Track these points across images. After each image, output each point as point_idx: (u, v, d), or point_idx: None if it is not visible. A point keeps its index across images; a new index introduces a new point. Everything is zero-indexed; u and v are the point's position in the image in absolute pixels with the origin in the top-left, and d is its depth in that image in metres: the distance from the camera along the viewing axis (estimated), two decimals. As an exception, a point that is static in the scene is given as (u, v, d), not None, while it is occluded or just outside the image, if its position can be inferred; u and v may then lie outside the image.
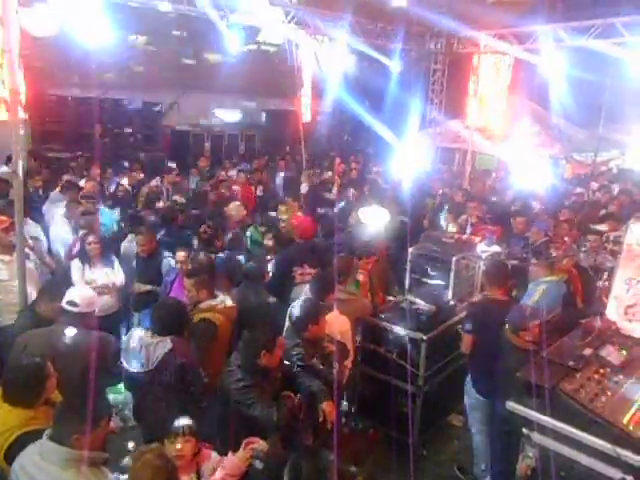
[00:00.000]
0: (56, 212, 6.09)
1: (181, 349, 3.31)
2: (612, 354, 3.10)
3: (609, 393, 2.80)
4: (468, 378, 4.15)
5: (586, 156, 12.94)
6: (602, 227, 6.02)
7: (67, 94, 11.44)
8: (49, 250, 5.60)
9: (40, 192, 7.49)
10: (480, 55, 10.85)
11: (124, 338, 3.49)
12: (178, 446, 2.61)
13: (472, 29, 10.99)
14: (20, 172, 4.38)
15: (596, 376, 2.92)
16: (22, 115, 4.34)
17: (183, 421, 2.69)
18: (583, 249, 5.43)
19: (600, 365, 3.02)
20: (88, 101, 12.11)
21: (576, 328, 3.37)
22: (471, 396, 4.12)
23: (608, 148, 12.81)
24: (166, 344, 3.26)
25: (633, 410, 2.70)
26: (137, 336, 3.34)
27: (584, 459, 2.67)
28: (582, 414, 2.70)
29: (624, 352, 3.16)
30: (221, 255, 5.10)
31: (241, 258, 5.22)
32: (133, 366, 3.29)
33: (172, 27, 8.77)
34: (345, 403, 4.60)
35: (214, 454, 2.69)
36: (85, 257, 4.84)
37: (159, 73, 11.01)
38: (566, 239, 5.65)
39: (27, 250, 4.60)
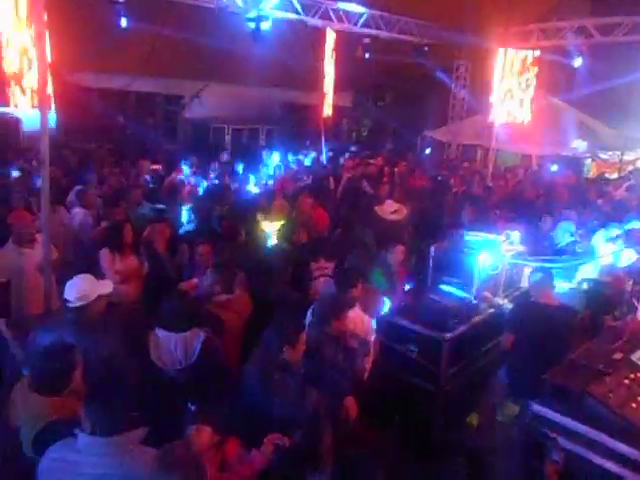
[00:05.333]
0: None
1: (214, 338, 3.32)
2: (643, 359, 3.03)
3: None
4: (501, 377, 4.08)
5: (612, 155, 12.67)
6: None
7: (91, 85, 11.53)
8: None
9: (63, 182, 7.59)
10: (506, 50, 10.65)
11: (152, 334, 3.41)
12: (194, 437, 2.61)
13: (497, 24, 10.81)
14: (47, 162, 4.44)
15: (626, 381, 2.85)
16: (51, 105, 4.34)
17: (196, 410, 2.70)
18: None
19: (631, 370, 2.95)
20: (111, 92, 12.21)
21: (606, 331, 3.30)
22: (501, 394, 4.06)
23: (635, 147, 12.51)
24: (200, 334, 3.26)
25: (665, 417, 2.64)
26: (162, 332, 3.32)
27: (612, 466, 2.61)
28: (611, 420, 2.64)
29: (655, 357, 3.09)
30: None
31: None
32: (167, 363, 3.24)
33: (195, 17, 8.77)
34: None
35: (241, 449, 2.69)
36: (115, 246, 4.84)
37: (183, 63, 11.02)
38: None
39: None
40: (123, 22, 7.81)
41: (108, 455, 2.16)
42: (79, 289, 3.37)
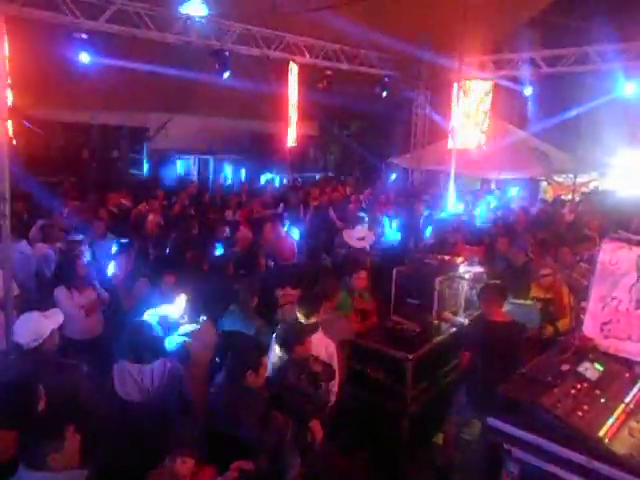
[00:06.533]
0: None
1: (178, 367, 3.33)
2: (589, 370, 3.19)
3: (585, 408, 2.87)
4: (461, 395, 4.19)
5: (566, 178, 13.27)
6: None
7: (54, 118, 11.47)
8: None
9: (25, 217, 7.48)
10: (461, 81, 11.17)
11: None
12: (177, 468, 2.63)
13: (453, 57, 11.36)
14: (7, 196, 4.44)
15: (573, 391, 3.00)
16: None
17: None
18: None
19: (577, 380, 3.10)
20: (75, 126, 12.18)
21: (555, 345, 3.47)
22: (463, 412, 4.16)
23: (588, 170, 13.15)
24: (165, 364, 3.28)
25: (609, 424, 2.79)
26: (127, 364, 3.32)
27: (563, 474, 2.73)
28: (560, 428, 2.77)
29: (600, 368, 3.26)
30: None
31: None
32: (133, 395, 3.24)
33: (161, 51, 8.92)
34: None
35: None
36: (71, 281, 4.83)
37: (147, 96, 11.10)
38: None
39: None
40: (85, 57, 7.91)
41: None
42: (30, 331, 3.30)
